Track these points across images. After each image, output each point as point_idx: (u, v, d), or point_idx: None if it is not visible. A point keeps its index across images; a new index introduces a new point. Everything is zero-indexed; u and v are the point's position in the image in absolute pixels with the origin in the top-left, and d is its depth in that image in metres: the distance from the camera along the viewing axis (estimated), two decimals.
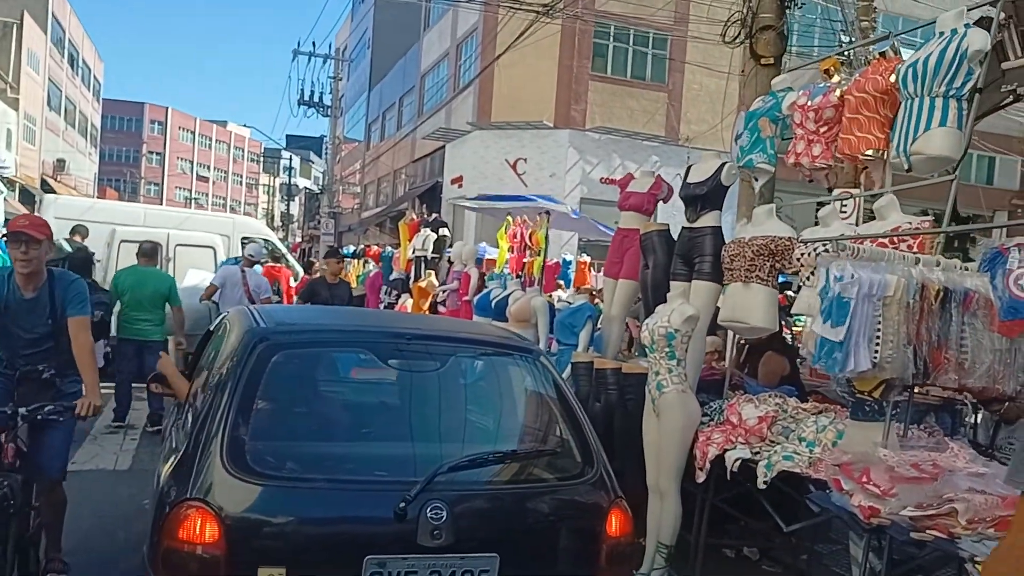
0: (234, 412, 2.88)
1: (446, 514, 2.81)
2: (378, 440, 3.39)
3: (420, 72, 29.42)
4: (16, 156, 30.67)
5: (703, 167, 5.37)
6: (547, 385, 3.49)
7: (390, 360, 3.48)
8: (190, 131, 75.74)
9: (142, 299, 8.15)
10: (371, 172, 37.27)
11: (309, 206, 51.30)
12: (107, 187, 56.40)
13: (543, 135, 20.60)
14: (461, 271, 9.72)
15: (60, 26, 38.69)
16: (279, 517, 2.81)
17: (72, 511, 5.59)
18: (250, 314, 3.55)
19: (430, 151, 26.27)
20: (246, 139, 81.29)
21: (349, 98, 40.95)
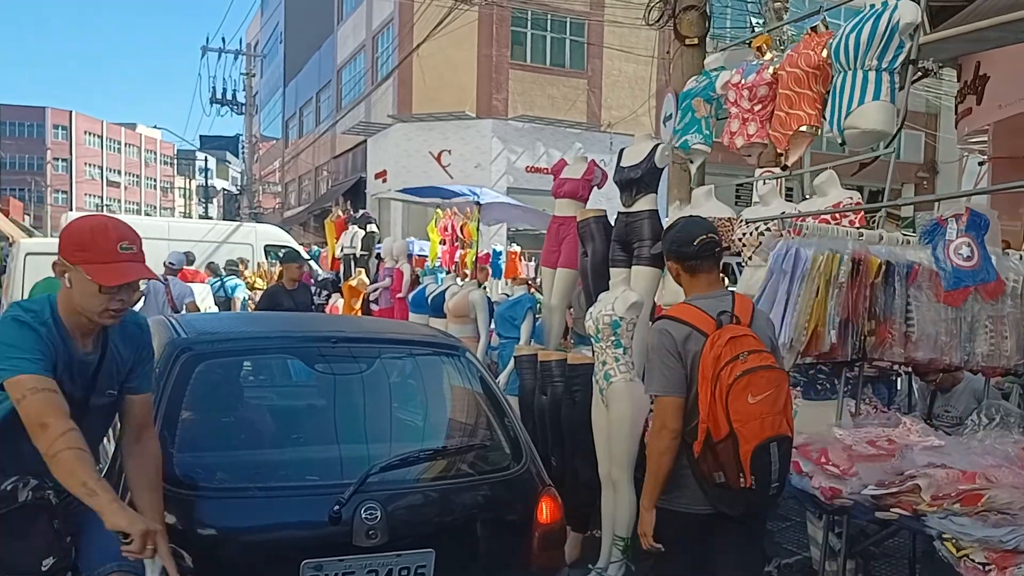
0: (159, 425, 2.82)
1: (380, 514, 2.85)
2: (308, 445, 3.41)
3: (336, 66, 28.85)
4: None
5: (636, 149, 5.28)
6: (473, 381, 3.55)
7: (316, 364, 3.49)
8: (97, 135, 72.74)
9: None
10: (291, 170, 36.47)
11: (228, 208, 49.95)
12: (10, 197, 53.79)
13: (466, 125, 20.42)
14: (393, 268, 9.49)
15: None
16: (212, 527, 2.80)
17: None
18: (170, 324, 3.45)
19: (351, 146, 25.81)
20: (158, 141, 78.57)
21: (264, 95, 39.93)
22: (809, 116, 4.32)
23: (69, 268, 2.40)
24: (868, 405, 4.08)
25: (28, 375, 2.27)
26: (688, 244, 3.12)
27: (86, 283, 2.36)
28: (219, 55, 32.64)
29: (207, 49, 32.39)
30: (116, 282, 2.37)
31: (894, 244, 3.72)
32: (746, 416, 2.76)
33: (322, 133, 29.77)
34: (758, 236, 4.30)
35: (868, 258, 3.56)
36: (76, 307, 2.41)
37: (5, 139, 57.37)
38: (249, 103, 33.79)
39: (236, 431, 3.49)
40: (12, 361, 2.28)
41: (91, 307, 2.39)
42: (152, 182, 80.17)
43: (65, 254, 2.41)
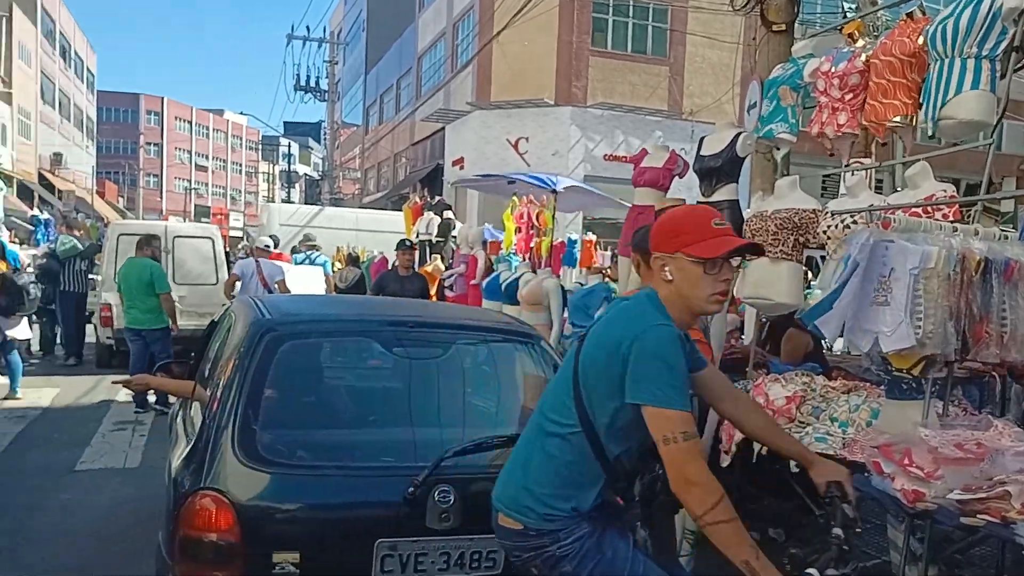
0: (243, 403, 2.94)
1: (453, 497, 2.88)
2: (384, 427, 3.46)
3: (417, 53, 29.10)
4: (12, 151, 30.47)
5: (717, 138, 5.19)
6: (547, 369, 3.53)
7: (393, 348, 3.52)
8: (187, 121, 75.24)
9: (130, 290, 8.62)
10: (371, 157, 37.01)
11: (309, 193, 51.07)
12: (106, 180, 56.16)
13: (544, 113, 20.35)
14: (468, 254, 9.55)
15: (50, 18, 38.36)
16: (291, 504, 2.87)
17: (84, 509, 5.57)
18: (255, 305, 3.59)
19: (430, 133, 26.03)
20: (244, 127, 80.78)
21: (346, 82, 40.60)
22: (905, 106, 4.15)
23: (667, 260, 2.32)
24: (957, 407, 3.91)
25: (681, 412, 2.14)
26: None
27: (690, 267, 2.29)
28: (303, 43, 33.37)
29: (292, 37, 33.13)
30: (722, 250, 2.29)
31: (991, 239, 3.54)
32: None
33: (401, 120, 30.09)
34: (843, 229, 4.16)
35: (969, 254, 3.40)
36: (683, 300, 2.32)
37: (102, 124, 59.68)
38: (331, 90, 34.43)
39: (316, 411, 3.53)
40: (667, 390, 2.14)
41: (700, 294, 2.30)
42: (238, 167, 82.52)
43: (661, 247, 2.35)
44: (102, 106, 58.64)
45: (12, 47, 30.86)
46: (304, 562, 2.80)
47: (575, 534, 2.31)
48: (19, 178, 30.61)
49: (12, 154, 30.28)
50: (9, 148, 29.97)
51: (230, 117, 79.41)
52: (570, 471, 2.33)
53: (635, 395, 2.18)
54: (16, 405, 8.82)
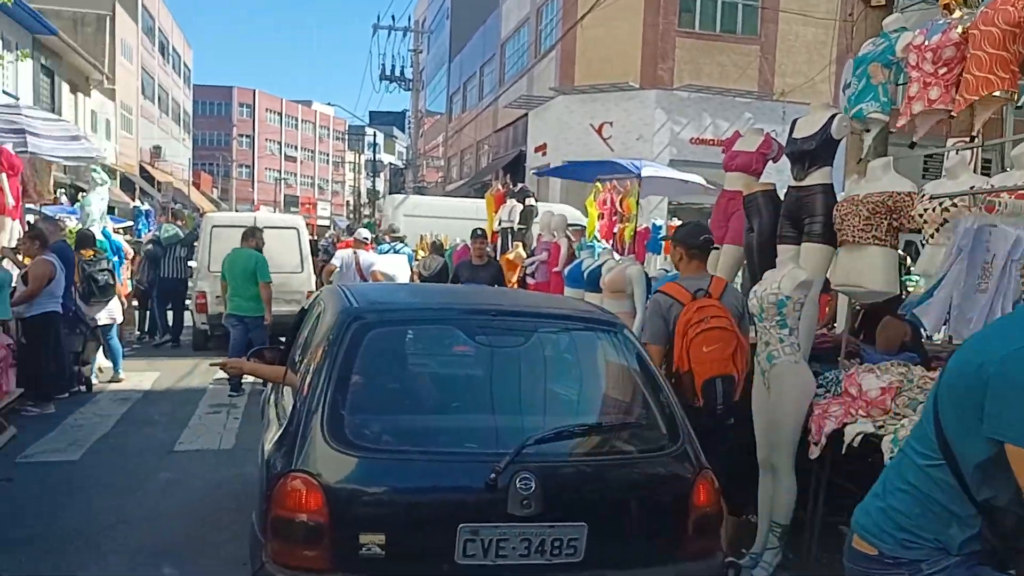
0: (332, 388, 3.03)
1: (535, 484, 2.91)
2: (467, 413, 3.52)
3: (500, 40, 29.11)
4: (116, 145, 31.89)
5: (810, 120, 5.01)
6: (630, 358, 3.56)
7: (475, 336, 3.57)
8: (277, 112, 77.34)
9: (235, 278, 9.02)
10: (454, 144, 37.29)
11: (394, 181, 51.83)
12: (201, 171, 58.27)
13: (629, 97, 20.06)
14: (550, 242, 9.51)
15: (150, 15, 39.86)
16: (377, 487, 2.96)
17: (182, 489, 5.80)
18: (343, 294, 3.71)
19: (513, 120, 26.04)
20: (331, 117, 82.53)
21: (430, 70, 40.97)
22: (1003, 80, 3.91)
23: None
24: None
25: None
26: (695, 238, 4.53)
27: None
28: (389, 33, 33.74)
29: (378, 27, 33.56)
30: None
31: None
32: (700, 359, 4.13)
33: (485, 107, 30.19)
34: (942, 213, 3.96)
35: None
36: None
37: (198, 118, 61.90)
38: (416, 79, 34.77)
39: (401, 397, 3.62)
40: None
41: None
42: (325, 156, 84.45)
43: None
44: (198, 100, 60.75)
45: (115, 45, 32.23)
46: (390, 544, 2.86)
47: (939, 565, 2.03)
48: (122, 171, 32.04)
49: (115, 148, 31.71)
50: (113, 142, 31.39)
51: (318, 108, 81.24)
52: (933, 506, 2.04)
53: (995, 429, 1.84)
54: (120, 388, 9.28)
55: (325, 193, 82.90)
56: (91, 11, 30.94)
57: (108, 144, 29.47)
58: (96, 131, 28.25)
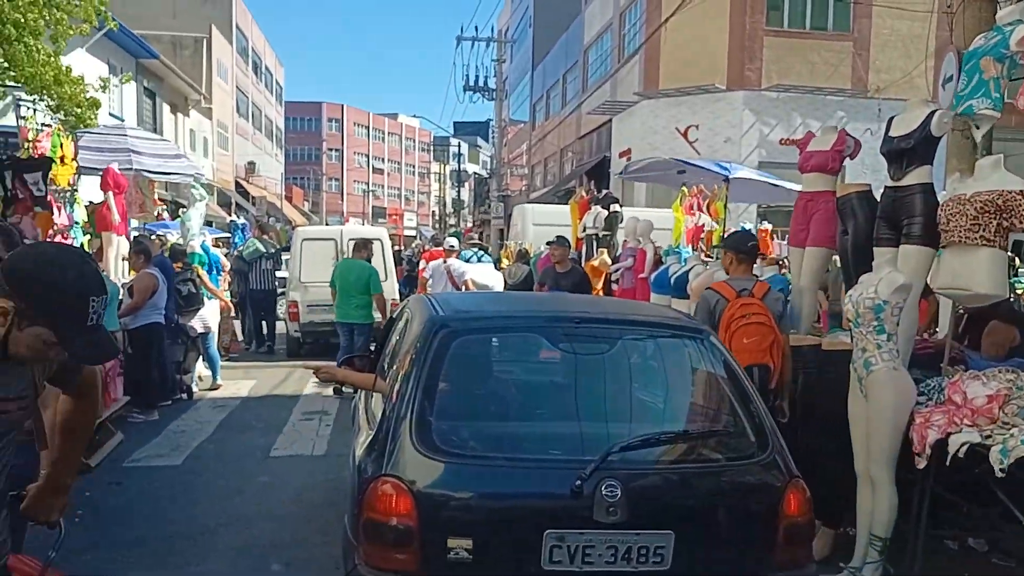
0: (420, 395, 3.10)
1: (620, 491, 2.91)
2: (552, 420, 3.54)
3: (583, 46, 29.07)
4: (213, 162, 33.22)
5: (908, 117, 4.82)
6: (717, 365, 3.51)
7: (560, 344, 3.60)
8: (364, 126, 79.21)
9: (347, 287, 9.53)
10: (538, 152, 37.40)
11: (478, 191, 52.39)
12: (293, 185, 60.10)
13: (715, 99, 19.71)
14: (636, 247, 9.42)
15: (244, 36, 41.38)
16: (464, 492, 3.01)
17: (278, 493, 5.97)
18: (429, 303, 3.76)
19: (596, 126, 25.93)
20: (416, 129, 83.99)
21: (513, 79, 41.23)
22: None
23: None
24: None
25: None
26: (743, 244, 5.20)
27: None
28: (472, 44, 34.27)
29: (461, 39, 34.10)
30: None
31: None
32: (740, 349, 4.44)
33: (568, 114, 30.18)
34: None
35: None
36: None
37: (289, 133, 63.87)
38: (499, 88, 35.10)
39: (486, 404, 3.67)
40: None
41: None
42: (411, 168, 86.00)
43: None
44: (289, 116, 62.71)
45: (212, 66, 33.63)
46: (477, 548, 2.90)
47: None
48: (218, 186, 33.34)
49: (212, 165, 33.02)
50: (210, 159, 32.72)
51: (404, 120, 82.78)
52: None
53: None
54: (219, 395, 9.63)
55: (411, 204, 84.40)
56: (189, 34, 32.38)
57: (206, 161, 30.71)
58: (195, 149, 29.51)
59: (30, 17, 11.50)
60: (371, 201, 75.05)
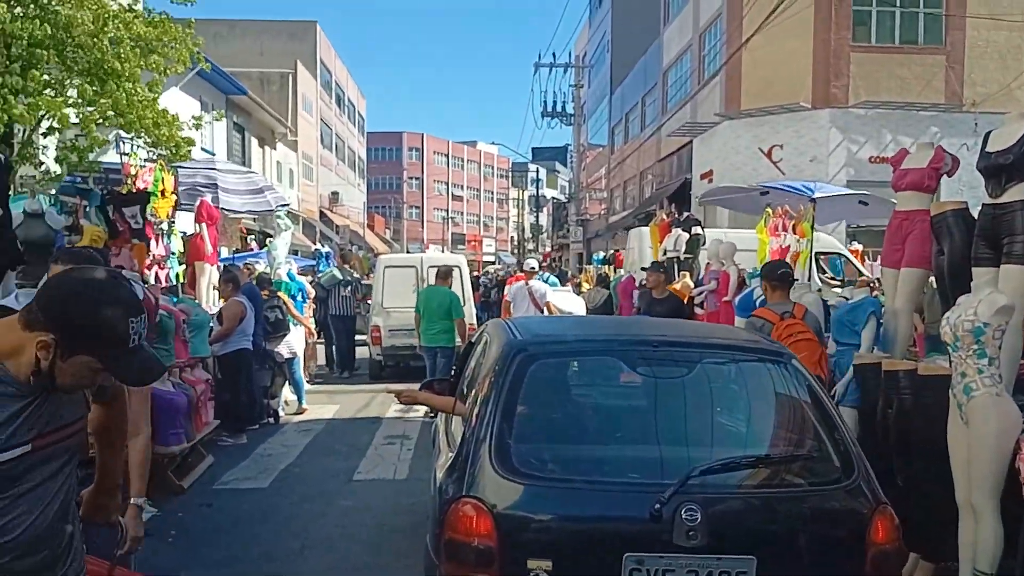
0: (499, 418, 3.13)
1: (700, 515, 2.88)
2: (631, 444, 3.53)
3: (662, 69, 28.93)
4: (298, 193, 34.25)
5: (1007, 131, 4.59)
6: (799, 389, 3.47)
7: (638, 367, 3.59)
8: (443, 154, 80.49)
9: (430, 313, 9.83)
10: (617, 176, 37.28)
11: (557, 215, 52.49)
12: (375, 214, 61.40)
13: (800, 118, 19.29)
14: (719, 270, 9.25)
15: (327, 70, 42.69)
16: (543, 514, 3.03)
17: (361, 517, 6.04)
18: (507, 327, 3.85)
19: (676, 148, 25.71)
20: (495, 156, 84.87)
21: (591, 104, 41.31)
22: None
23: None
24: None
25: None
26: (775, 272, 5.75)
27: None
28: (550, 70, 34.54)
29: (539, 65, 34.42)
30: None
31: None
32: None
33: (647, 137, 30.02)
34: None
35: None
36: None
37: (371, 163, 65.29)
38: (577, 113, 35.23)
39: (565, 426, 3.68)
40: None
41: None
42: (490, 194, 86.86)
43: None
44: (371, 146, 64.21)
45: (297, 100, 34.79)
46: (556, 570, 2.90)
47: None
48: (303, 216, 34.32)
49: (298, 195, 34.04)
50: (295, 190, 33.74)
51: (482, 148, 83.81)
52: None
53: None
54: (304, 419, 9.84)
55: (490, 230, 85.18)
56: (276, 70, 33.65)
57: (291, 192, 31.67)
58: (281, 180, 30.47)
59: (127, 66, 12.19)
60: (450, 228, 76.03)
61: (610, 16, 37.42)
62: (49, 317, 1.84)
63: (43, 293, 1.90)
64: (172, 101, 15.86)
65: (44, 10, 11.99)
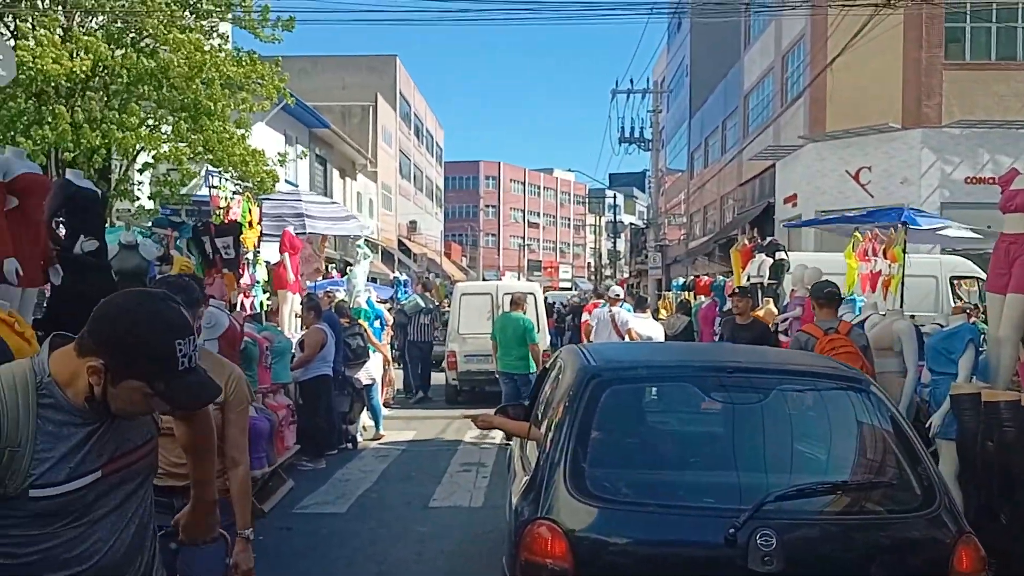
0: (573, 442, 3.17)
1: (776, 541, 2.84)
2: (704, 469, 3.56)
3: (743, 92, 28.50)
4: (377, 222, 34.92)
5: None
6: (879, 416, 3.42)
7: (712, 393, 3.61)
8: (520, 182, 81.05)
9: (506, 339, 10.09)
10: (696, 201, 36.79)
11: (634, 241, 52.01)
12: (451, 242, 62.12)
13: (889, 139, 18.62)
14: (804, 296, 8.93)
15: (407, 102, 43.59)
16: (618, 537, 3.05)
17: (437, 544, 5.99)
18: (581, 353, 3.90)
19: (758, 172, 25.22)
20: (571, 183, 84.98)
21: (669, 129, 40.98)
22: None
23: None
24: None
25: None
26: (821, 292, 6.01)
27: None
28: (627, 96, 34.34)
29: (616, 92, 34.27)
30: None
31: None
32: None
33: (728, 161, 29.56)
34: None
35: None
36: None
37: (448, 192, 66.24)
38: (655, 138, 34.91)
39: (638, 451, 3.71)
40: None
41: None
42: (566, 221, 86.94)
43: None
44: (448, 175, 65.19)
45: (377, 131, 35.59)
46: None
47: None
48: (382, 245, 34.95)
49: (377, 224, 34.71)
50: (375, 220, 34.42)
51: (559, 175, 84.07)
52: None
53: None
54: (381, 444, 9.89)
55: (567, 256, 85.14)
56: (357, 103, 34.52)
57: (371, 221, 32.31)
58: (361, 210, 31.15)
59: (219, 104, 12.72)
60: (526, 254, 76.31)
61: (689, 40, 37.15)
62: (97, 342, 1.82)
63: (92, 318, 1.88)
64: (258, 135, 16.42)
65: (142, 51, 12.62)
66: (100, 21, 12.93)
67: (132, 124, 11.95)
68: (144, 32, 12.90)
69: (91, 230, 5.73)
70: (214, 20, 13.84)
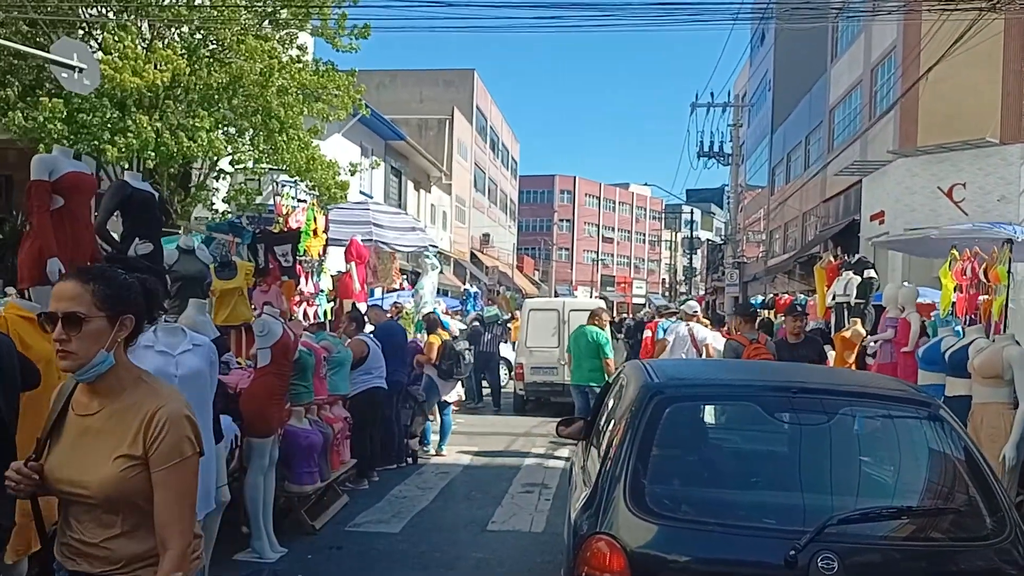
0: (634, 458, 3.16)
1: (838, 565, 2.79)
2: (766, 489, 3.49)
3: (828, 106, 27.51)
4: (450, 234, 34.96)
5: None
6: (949, 441, 3.34)
7: (775, 413, 3.58)
8: (595, 196, 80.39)
9: (579, 352, 10.17)
10: (777, 217, 35.69)
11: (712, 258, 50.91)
12: (524, 255, 61.93)
13: (986, 154, 17.58)
14: (897, 317, 8.29)
15: (483, 116, 43.66)
16: (676, 555, 3.00)
17: (492, 571, 5.66)
18: (644, 369, 3.86)
19: (843, 188, 24.23)
20: (647, 198, 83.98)
21: (750, 144, 39.99)
22: None
23: None
24: None
25: None
26: (745, 310, 8.84)
27: None
28: (707, 110, 33.65)
29: (696, 105, 33.65)
30: None
31: None
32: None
33: (811, 177, 28.58)
34: None
35: None
36: None
37: (522, 205, 66.05)
38: (735, 153, 34.12)
39: (699, 469, 3.69)
40: None
41: None
42: (641, 236, 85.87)
43: None
44: (523, 189, 65.10)
45: (453, 145, 35.68)
46: None
47: None
48: (455, 257, 34.95)
49: (450, 237, 34.76)
50: (448, 232, 34.46)
51: (634, 189, 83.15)
52: None
53: None
54: (442, 461, 9.57)
55: (641, 272, 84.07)
56: (433, 116, 34.70)
57: (444, 234, 32.37)
58: (434, 223, 31.21)
59: (290, 113, 12.78)
60: (600, 270, 75.59)
61: (772, 54, 36.20)
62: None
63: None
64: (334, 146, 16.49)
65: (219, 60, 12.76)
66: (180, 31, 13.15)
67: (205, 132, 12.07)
68: (222, 43, 13.06)
69: (147, 233, 5.63)
70: (292, 31, 13.94)
